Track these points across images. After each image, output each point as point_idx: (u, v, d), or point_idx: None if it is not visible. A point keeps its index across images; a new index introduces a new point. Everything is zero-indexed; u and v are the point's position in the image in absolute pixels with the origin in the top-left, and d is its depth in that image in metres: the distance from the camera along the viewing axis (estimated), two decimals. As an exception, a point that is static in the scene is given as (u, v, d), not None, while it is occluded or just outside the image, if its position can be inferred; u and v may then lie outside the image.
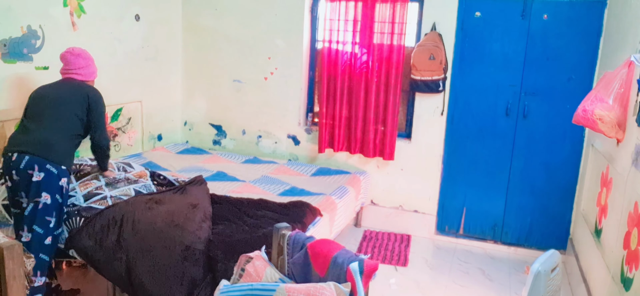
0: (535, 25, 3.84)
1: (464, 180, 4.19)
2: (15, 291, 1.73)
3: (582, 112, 2.64)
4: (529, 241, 4.13)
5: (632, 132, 2.51)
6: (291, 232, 2.19)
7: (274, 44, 4.46)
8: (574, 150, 3.91)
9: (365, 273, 1.89)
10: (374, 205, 4.46)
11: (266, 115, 4.62)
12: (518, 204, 4.10)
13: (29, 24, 3.23)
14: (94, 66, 2.96)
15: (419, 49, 3.99)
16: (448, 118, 4.14)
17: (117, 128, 4.09)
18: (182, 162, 4.22)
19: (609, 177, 2.91)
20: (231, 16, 4.56)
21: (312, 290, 1.81)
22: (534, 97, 3.92)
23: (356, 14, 4.14)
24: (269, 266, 2.13)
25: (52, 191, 2.56)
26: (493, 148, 4.07)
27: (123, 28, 4.03)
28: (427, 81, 4.02)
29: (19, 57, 3.20)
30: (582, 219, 3.55)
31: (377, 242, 4.16)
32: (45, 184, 2.54)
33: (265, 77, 4.54)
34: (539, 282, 2.22)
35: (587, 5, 3.72)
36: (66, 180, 2.65)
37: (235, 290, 1.94)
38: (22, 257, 1.75)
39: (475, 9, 3.95)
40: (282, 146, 4.63)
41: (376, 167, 4.39)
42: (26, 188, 2.53)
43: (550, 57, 3.84)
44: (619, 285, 2.38)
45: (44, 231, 2.54)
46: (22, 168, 2.52)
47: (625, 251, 2.36)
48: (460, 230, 4.29)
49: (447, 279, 3.61)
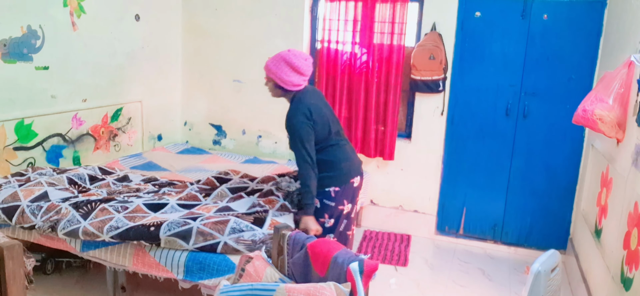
0: (535, 26, 3.84)
1: (464, 180, 4.19)
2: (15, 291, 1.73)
3: (582, 112, 2.63)
4: (529, 241, 4.13)
5: (632, 132, 2.51)
6: (291, 232, 2.19)
7: (274, 44, 4.45)
8: (574, 150, 3.91)
9: (365, 273, 1.89)
10: (374, 205, 4.46)
11: (266, 115, 4.61)
12: (518, 204, 4.10)
13: (29, 24, 3.23)
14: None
15: (419, 49, 3.99)
16: (448, 118, 4.14)
17: (117, 128, 4.09)
18: (182, 162, 4.21)
19: (609, 177, 2.91)
20: (231, 16, 4.56)
21: (312, 290, 1.81)
22: (534, 97, 3.92)
23: (356, 14, 4.14)
24: (269, 266, 2.13)
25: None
26: (493, 148, 4.07)
27: (123, 28, 4.03)
28: (427, 81, 4.02)
29: (19, 57, 3.20)
30: (582, 219, 3.55)
31: (377, 242, 4.16)
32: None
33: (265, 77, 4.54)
34: (539, 282, 2.22)
35: (587, 5, 3.72)
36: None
37: (236, 290, 1.94)
38: (22, 257, 1.75)
39: (475, 9, 3.95)
40: (282, 146, 4.63)
41: (376, 167, 4.39)
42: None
43: (550, 57, 3.84)
44: (619, 285, 2.38)
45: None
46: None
47: (625, 251, 2.36)
48: (460, 230, 4.29)
49: (447, 279, 3.61)
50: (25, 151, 3.32)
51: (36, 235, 2.83)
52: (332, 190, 2.63)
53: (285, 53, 2.57)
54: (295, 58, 2.54)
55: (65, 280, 3.21)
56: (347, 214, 2.71)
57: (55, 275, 3.23)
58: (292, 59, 2.53)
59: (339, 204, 2.66)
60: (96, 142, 3.88)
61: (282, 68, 2.55)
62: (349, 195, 2.67)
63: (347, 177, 2.66)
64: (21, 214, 2.78)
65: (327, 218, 2.68)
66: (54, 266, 3.24)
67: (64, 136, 3.59)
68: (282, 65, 2.55)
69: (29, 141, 3.33)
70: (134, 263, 2.62)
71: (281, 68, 2.55)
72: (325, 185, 2.63)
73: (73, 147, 3.68)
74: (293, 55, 2.55)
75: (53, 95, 3.46)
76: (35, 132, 3.36)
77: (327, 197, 2.64)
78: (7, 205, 2.82)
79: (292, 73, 2.54)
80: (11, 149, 3.22)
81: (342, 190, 2.64)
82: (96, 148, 3.88)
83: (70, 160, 3.68)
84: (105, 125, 3.95)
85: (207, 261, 2.50)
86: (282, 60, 2.55)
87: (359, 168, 2.74)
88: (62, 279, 3.21)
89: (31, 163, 3.37)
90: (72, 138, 3.66)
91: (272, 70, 2.58)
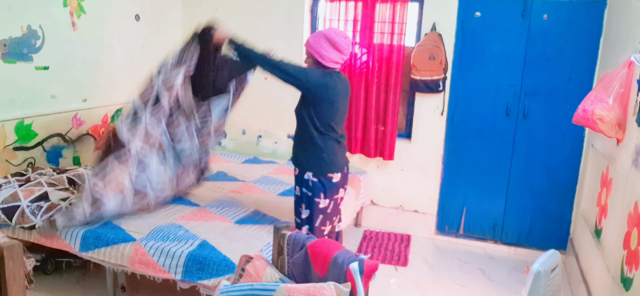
0: (535, 26, 3.83)
1: (464, 180, 4.19)
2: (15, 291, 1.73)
3: (582, 112, 2.63)
4: (529, 241, 4.13)
5: (632, 132, 2.51)
6: (291, 232, 2.18)
7: (274, 43, 4.45)
8: (574, 150, 3.91)
9: (365, 273, 1.89)
10: (374, 205, 4.46)
11: (266, 115, 4.61)
12: (518, 204, 4.10)
13: (29, 24, 3.23)
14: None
15: (419, 49, 3.99)
16: (448, 118, 4.14)
17: (117, 128, 4.09)
18: (182, 162, 4.21)
19: (609, 177, 2.91)
20: (231, 16, 4.56)
21: (312, 290, 1.81)
22: (534, 97, 3.92)
23: (356, 14, 4.14)
24: (269, 266, 2.13)
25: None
26: (493, 148, 4.07)
27: (123, 28, 4.03)
28: (427, 81, 4.02)
29: (19, 57, 3.20)
30: (582, 219, 3.55)
31: (377, 242, 4.16)
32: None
33: (265, 77, 4.54)
34: (539, 282, 2.22)
35: (587, 5, 3.72)
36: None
37: (235, 290, 1.94)
38: (22, 257, 1.75)
39: (475, 9, 3.95)
40: (282, 146, 4.63)
41: (376, 167, 4.39)
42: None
43: (550, 57, 3.84)
44: (619, 285, 2.38)
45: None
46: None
47: (625, 251, 2.36)
48: (460, 230, 4.29)
49: (447, 279, 3.61)
50: (25, 151, 3.32)
51: (36, 235, 2.83)
52: (310, 179, 2.65)
53: (325, 30, 2.64)
54: (335, 35, 2.60)
55: (65, 280, 3.21)
56: (323, 209, 2.70)
57: (55, 275, 3.23)
58: (332, 35, 2.59)
59: (315, 196, 2.67)
60: (96, 142, 3.88)
61: (322, 44, 2.60)
62: (326, 190, 2.67)
63: (325, 170, 2.65)
64: (21, 214, 2.78)
65: (304, 208, 2.70)
66: (54, 266, 3.24)
67: (64, 136, 3.59)
68: (323, 41, 2.60)
69: (29, 141, 3.33)
70: (132, 263, 2.63)
71: (321, 44, 2.60)
72: (304, 169, 2.67)
73: (73, 147, 3.68)
74: (333, 32, 2.62)
75: (53, 95, 3.47)
76: (35, 132, 3.36)
77: (306, 185, 2.67)
78: (7, 205, 2.82)
79: (331, 49, 2.60)
80: (11, 149, 3.22)
81: (320, 182, 2.65)
82: (96, 148, 3.88)
83: (70, 160, 3.68)
84: (105, 125, 3.95)
85: (206, 261, 2.51)
86: (322, 37, 2.61)
87: (341, 166, 2.72)
88: (62, 279, 3.21)
89: (31, 163, 3.37)
90: (72, 138, 3.66)
91: (312, 46, 2.63)
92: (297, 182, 2.72)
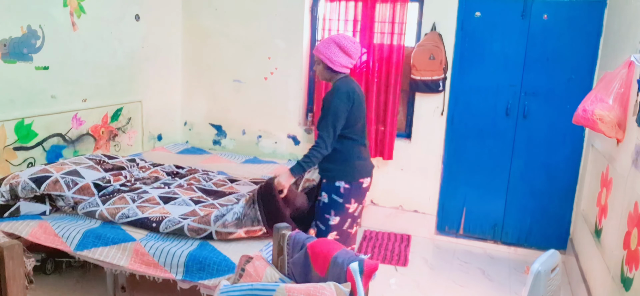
0: (535, 26, 3.84)
1: (464, 180, 4.19)
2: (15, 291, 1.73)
3: (582, 112, 2.64)
4: (529, 241, 4.13)
5: (632, 132, 2.51)
6: (291, 232, 2.18)
7: (274, 43, 4.45)
8: (574, 150, 3.91)
9: (365, 273, 1.89)
10: (373, 205, 4.46)
11: (266, 115, 4.62)
12: (518, 204, 4.10)
13: (29, 24, 3.23)
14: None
15: (419, 49, 3.99)
16: (448, 118, 4.14)
17: (117, 128, 4.09)
18: (182, 161, 4.21)
19: (609, 177, 2.91)
20: (231, 16, 4.56)
21: (312, 290, 1.80)
22: (534, 97, 3.92)
23: (356, 14, 4.14)
24: (269, 266, 2.13)
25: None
26: (493, 149, 4.07)
27: (123, 28, 4.03)
28: (427, 81, 4.02)
29: (19, 57, 3.20)
30: (582, 219, 3.55)
31: (377, 242, 4.16)
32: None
33: (265, 77, 4.55)
34: (539, 282, 2.22)
35: (587, 5, 3.72)
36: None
37: (235, 290, 1.94)
38: (22, 257, 1.75)
39: (475, 9, 3.95)
40: (282, 146, 4.63)
41: (376, 167, 4.38)
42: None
43: (550, 57, 3.84)
44: (619, 285, 2.38)
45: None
46: None
47: (625, 252, 2.36)
48: (460, 230, 4.29)
49: (447, 279, 3.61)
50: (25, 151, 3.32)
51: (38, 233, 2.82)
52: (342, 186, 2.66)
53: (335, 36, 2.67)
54: (344, 40, 2.62)
55: (65, 280, 3.21)
56: (352, 213, 2.74)
57: (55, 275, 3.24)
58: (342, 40, 2.62)
59: (346, 202, 2.68)
60: (96, 142, 3.88)
61: (332, 49, 2.62)
62: (357, 195, 2.70)
63: (357, 176, 2.69)
64: (54, 182, 2.89)
65: (333, 215, 2.71)
66: (54, 266, 3.25)
67: (64, 136, 3.59)
68: (332, 46, 2.63)
69: (29, 141, 3.33)
70: (131, 263, 2.62)
71: (331, 49, 2.62)
72: (335, 179, 2.67)
73: (73, 147, 3.68)
74: (342, 37, 2.64)
75: (53, 95, 3.47)
76: (35, 132, 3.36)
77: (337, 192, 2.67)
78: (36, 176, 2.90)
79: (341, 54, 2.62)
80: (11, 149, 3.22)
81: (351, 188, 2.68)
82: (96, 148, 3.88)
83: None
84: (105, 125, 3.95)
85: (206, 261, 2.50)
86: (332, 42, 2.64)
87: (370, 170, 2.78)
88: (62, 279, 3.21)
89: (31, 164, 3.37)
90: (72, 138, 3.66)
91: (322, 52, 2.65)
92: (325, 190, 2.71)
